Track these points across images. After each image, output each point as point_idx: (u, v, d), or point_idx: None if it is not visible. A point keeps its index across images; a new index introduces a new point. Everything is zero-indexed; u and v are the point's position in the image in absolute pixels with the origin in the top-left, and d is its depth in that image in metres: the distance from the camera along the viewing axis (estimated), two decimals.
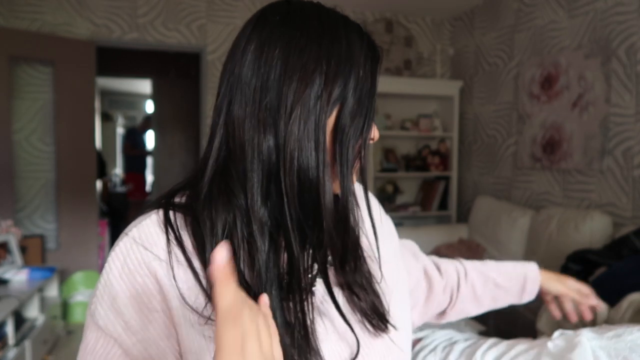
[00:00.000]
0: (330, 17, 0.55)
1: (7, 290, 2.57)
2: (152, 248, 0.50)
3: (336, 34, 0.53)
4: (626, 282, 1.77)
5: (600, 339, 0.73)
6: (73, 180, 3.42)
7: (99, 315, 0.49)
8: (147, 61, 5.29)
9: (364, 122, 0.54)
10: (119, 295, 0.49)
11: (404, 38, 4.09)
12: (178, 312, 0.49)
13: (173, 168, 5.81)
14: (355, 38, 0.55)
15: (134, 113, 7.99)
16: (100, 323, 0.49)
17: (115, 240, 0.53)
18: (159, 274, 0.49)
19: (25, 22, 3.28)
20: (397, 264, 0.72)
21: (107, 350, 0.49)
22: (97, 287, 0.50)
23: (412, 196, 4.16)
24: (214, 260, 0.38)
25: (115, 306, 0.49)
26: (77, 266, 3.40)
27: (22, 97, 3.34)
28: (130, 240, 0.50)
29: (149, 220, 0.51)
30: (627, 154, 2.61)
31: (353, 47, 0.54)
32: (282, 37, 0.51)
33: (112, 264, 0.50)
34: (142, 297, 0.49)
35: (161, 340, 0.49)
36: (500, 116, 3.58)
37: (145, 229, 0.51)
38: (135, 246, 0.50)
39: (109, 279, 0.49)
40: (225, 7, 3.68)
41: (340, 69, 0.52)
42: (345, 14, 0.59)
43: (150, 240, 0.50)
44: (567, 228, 2.65)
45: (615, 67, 2.65)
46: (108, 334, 0.49)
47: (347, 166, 0.52)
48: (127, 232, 0.51)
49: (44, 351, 2.66)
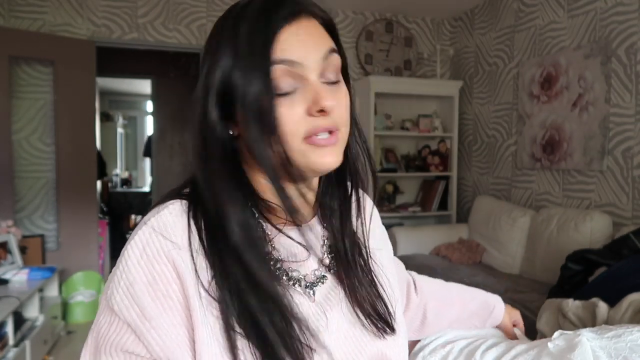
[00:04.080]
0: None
1: (7, 290, 2.58)
2: (171, 236, 0.51)
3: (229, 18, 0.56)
4: (626, 282, 1.77)
5: (601, 339, 0.73)
6: (73, 180, 3.42)
7: (114, 300, 0.49)
8: (147, 61, 5.29)
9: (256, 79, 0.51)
10: (136, 281, 0.49)
11: (404, 38, 4.08)
12: (194, 300, 0.50)
13: (173, 168, 5.81)
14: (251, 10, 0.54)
15: (134, 113, 7.99)
16: (116, 308, 0.49)
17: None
18: (177, 261, 0.50)
19: (25, 22, 3.28)
20: (392, 271, 0.74)
21: (121, 334, 0.49)
22: (115, 272, 0.51)
23: (412, 196, 4.16)
24: None
25: (132, 292, 0.49)
26: (77, 266, 3.39)
27: (22, 97, 3.34)
28: (150, 229, 0.51)
29: (167, 210, 0.53)
30: (627, 154, 2.61)
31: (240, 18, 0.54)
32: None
33: (130, 252, 0.51)
34: (159, 284, 0.50)
35: (175, 328, 0.49)
36: (500, 116, 3.58)
37: (164, 218, 0.52)
38: (154, 235, 0.51)
39: (127, 265, 0.50)
40: (225, 7, 3.65)
41: (215, 43, 0.55)
42: (346, 14, 0.60)
43: (169, 229, 0.52)
44: (567, 228, 2.65)
45: (615, 67, 2.65)
46: (122, 318, 0.49)
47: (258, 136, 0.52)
48: (146, 221, 0.53)
49: (44, 351, 2.66)
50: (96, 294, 3.42)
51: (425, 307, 0.91)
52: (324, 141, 0.53)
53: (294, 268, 0.57)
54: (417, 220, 3.98)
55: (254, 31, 0.52)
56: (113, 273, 0.52)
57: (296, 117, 0.52)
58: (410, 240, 3.39)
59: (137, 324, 0.48)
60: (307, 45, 0.53)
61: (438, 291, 0.93)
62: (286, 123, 0.52)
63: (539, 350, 0.75)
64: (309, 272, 0.59)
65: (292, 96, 0.52)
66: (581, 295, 1.82)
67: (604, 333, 0.74)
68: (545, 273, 2.71)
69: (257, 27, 0.52)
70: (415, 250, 3.41)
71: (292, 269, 0.57)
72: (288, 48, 0.52)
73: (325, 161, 0.54)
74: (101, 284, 3.45)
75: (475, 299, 0.96)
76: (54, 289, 3.11)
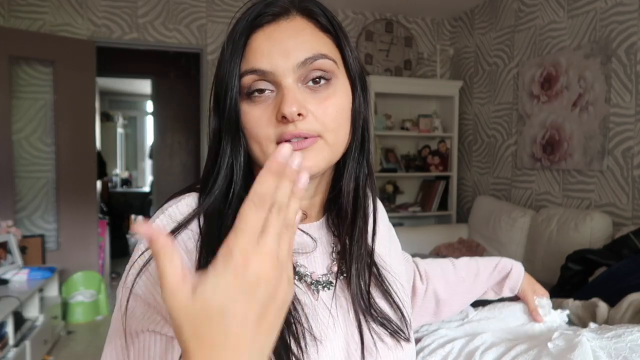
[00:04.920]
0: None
1: (7, 290, 2.58)
2: (188, 224, 0.53)
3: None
4: (626, 282, 1.77)
5: (601, 339, 0.73)
6: (73, 180, 3.42)
7: (137, 285, 0.49)
8: (147, 61, 5.29)
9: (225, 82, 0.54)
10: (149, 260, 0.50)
11: (404, 38, 4.08)
12: None
13: (173, 168, 5.82)
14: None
15: (134, 113, 7.99)
16: (140, 292, 0.49)
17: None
18: (191, 248, 0.51)
19: (25, 22, 3.28)
20: (403, 273, 0.73)
21: (147, 315, 0.48)
22: (134, 259, 0.51)
23: (412, 196, 4.16)
24: (278, 152, 0.34)
25: (155, 275, 0.49)
26: (77, 266, 3.39)
27: (22, 97, 3.34)
28: (167, 217, 0.54)
29: (183, 202, 0.56)
30: (627, 154, 2.61)
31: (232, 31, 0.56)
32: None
33: None
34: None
35: None
36: (500, 116, 3.58)
37: (181, 208, 0.55)
38: (171, 223, 0.53)
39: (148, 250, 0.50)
40: (225, 7, 3.68)
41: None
42: (346, 14, 0.59)
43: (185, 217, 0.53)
44: (567, 228, 2.65)
45: (615, 67, 2.65)
46: (146, 301, 0.49)
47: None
48: (164, 210, 0.55)
49: (44, 351, 2.66)
50: (96, 294, 3.42)
51: (436, 291, 0.90)
52: (295, 146, 0.52)
53: (301, 263, 0.58)
54: (417, 220, 3.98)
55: (233, 38, 0.54)
56: (132, 260, 0.52)
57: (264, 121, 0.53)
58: (410, 240, 3.39)
59: (162, 306, 0.48)
60: (280, 53, 0.52)
61: (444, 271, 0.92)
62: (257, 127, 0.53)
63: (539, 350, 0.75)
64: (317, 272, 0.59)
65: (261, 101, 0.53)
66: (581, 295, 1.82)
67: (603, 333, 0.74)
68: (546, 273, 2.71)
69: (236, 34, 0.54)
70: (415, 250, 3.41)
71: (299, 264, 0.58)
72: (258, 58, 0.52)
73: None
74: (101, 284, 3.45)
75: (486, 267, 0.94)
76: (54, 289, 3.11)
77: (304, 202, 0.60)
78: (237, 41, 0.53)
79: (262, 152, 0.54)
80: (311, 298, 0.56)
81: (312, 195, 0.60)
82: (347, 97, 0.57)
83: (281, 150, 0.34)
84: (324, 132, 0.53)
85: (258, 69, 0.52)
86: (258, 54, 0.52)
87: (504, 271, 0.93)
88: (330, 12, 0.57)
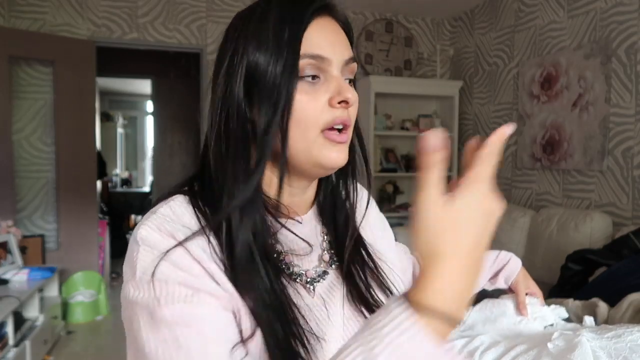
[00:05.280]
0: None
1: (7, 290, 2.58)
2: (182, 221, 0.52)
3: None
4: (626, 282, 1.77)
5: (600, 339, 0.73)
6: (73, 180, 3.42)
7: (158, 271, 0.47)
8: (147, 61, 5.29)
9: (282, 71, 0.51)
10: (168, 249, 0.48)
11: (404, 38, 4.08)
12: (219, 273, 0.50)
13: (173, 168, 5.81)
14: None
15: (134, 113, 7.99)
16: (162, 277, 0.47)
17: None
18: (189, 246, 0.49)
19: (25, 22, 3.28)
20: (396, 262, 0.74)
21: (177, 292, 0.46)
22: (137, 257, 0.49)
23: (412, 196, 4.16)
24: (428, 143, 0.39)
25: (171, 259, 0.48)
26: (77, 266, 3.39)
27: (22, 97, 3.34)
28: (160, 216, 0.52)
29: (173, 202, 0.54)
30: (627, 154, 2.61)
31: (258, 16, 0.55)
32: None
33: (148, 229, 0.50)
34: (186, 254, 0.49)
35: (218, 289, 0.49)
36: (500, 116, 3.58)
37: (173, 208, 0.53)
38: (165, 221, 0.51)
39: (154, 240, 0.49)
40: (225, 7, 3.68)
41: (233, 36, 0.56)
42: (346, 14, 0.60)
43: (178, 215, 0.52)
44: (567, 228, 2.65)
45: (615, 67, 2.65)
46: (172, 281, 0.47)
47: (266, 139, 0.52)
48: (154, 211, 0.53)
49: (44, 351, 2.66)
50: (96, 293, 3.42)
51: None
52: (339, 138, 0.55)
53: (295, 263, 0.58)
54: None
55: (284, 21, 0.52)
56: (131, 261, 0.50)
57: (319, 105, 0.53)
58: (410, 241, 3.39)
59: (190, 280, 0.47)
60: (335, 44, 0.54)
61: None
62: (307, 110, 0.52)
63: (539, 350, 0.75)
64: (310, 268, 0.59)
65: (315, 86, 0.53)
66: (581, 295, 1.82)
67: (603, 333, 0.74)
68: (546, 273, 2.71)
69: (287, 17, 0.52)
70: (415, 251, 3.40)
71: (294, 264, 0.58)
72: (318, 43, 0.53)
73: (335, 157, 0.55)
74: (101, 284, 3.45)
75: (487, 259, 0.95)
76: (54, 289, 3.11)
77: (296, 198, 0.60)
78: (297, 21, 0.52)
79: (304, 139, 0.53)
80: (308, 297, 0.57)
81: (305, 190, 0.61)
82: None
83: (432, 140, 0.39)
84: (351, 124, 0.57)
85: (319, 54, 0.53)
86: (322, 39, 0.53)
87: (502, 262, 0.96)
88: (347, 18, 0.60)
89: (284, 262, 0.57)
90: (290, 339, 0.49)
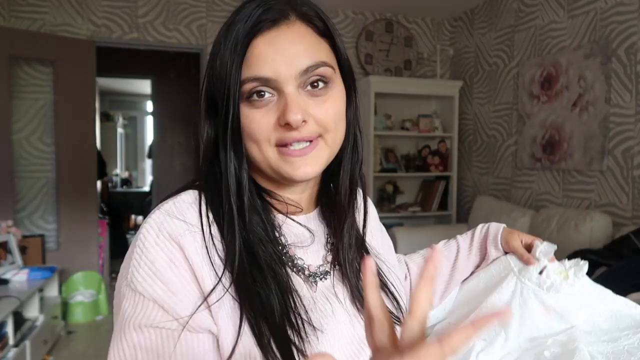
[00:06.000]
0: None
1: (7, 290, 2.58)
2: (185, 218, 0.53)
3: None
4: (626, 282, 1.77)
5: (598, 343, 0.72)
6: (73, 180, 3.42)
7: (136, 280, 0.50)
8: (147, 61, 5.28)
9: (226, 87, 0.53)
10: (156, 259, 0.50)
11: (404, 38, 4.08)
12: (208, 278, 0.51)
13: (173, 168, 5.81)
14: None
15: (134, 113, 7.99)
16: (139, 287, 0.49)
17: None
18: (187, 245, 0.51)
19: (25, 22, 3.28)
20: (395, 264, 0.75)
21: (148, 312, 0.49)
22: (132, 257, 0.51)
23: (412, 196, 4.16)
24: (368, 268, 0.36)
25: (154, 269, 0.50)
26: (77, 266, 3.39)
27: (22, 97, 3.34)
28: (164, 213, 0.53)
29: (180, 198, 0.55)
30: (627, 154, 2.61)
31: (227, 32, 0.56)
32: None
33: (146, 233, 0.52)
34: (180, 260, 0.51)
35: (199, 301, 0.50)
36: (500, 116, 3.58)
37: (178, 204, 0.54)
38: (168, 218, 0.52)
39: (145, 246, 0.51)
40: (225, 7, 3.68)
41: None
42: (346, 14, 0.60)
43: (183, 212, 0.53)
44: (567, 228, 2.65)
45: (615, 67, 2.65)
46: (147, 296, 0.49)
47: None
48: (160, 207, 0.54)
49: (44, 351, 2.66)
50: (96, 293, 3.42)
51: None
52: (298, 152, 0.54)
53: (299, 256, 0.59)
54: (417, 221, 3.98)
55: (233, 44, 0.53)
56: (129, 258, 0.52)
57: (267, 125, 0.53)
58: (410, 241, 3.39)
59: (163, 298, 0.49)
60: (282, 59, 0.52)
61: (421, 259, 0.94)
62: (255, 128, 0.54)
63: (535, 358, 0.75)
64: (313, 264, 0.60)
65: (269, 105, 0.53)
66: None
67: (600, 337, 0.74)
68: None
69: (235, 39, 0.53)
70: (415, 251, 3.40)
71: (297, 257, 0.58)
72: (261, 65, 0.52)
73: (297, 173, 0.55)
74: (101, 284, 3.45)
75: (464, 240, 0.87)
76: (54, 289, 3.11)
77: (294, 195, 0.62)
78: (238, 47, 0.52)
79: (261, 153, 0.55)
80: (310, 290, 0.57)
81: (302, 190, 0.62)
82: (342, 98, 0.58)
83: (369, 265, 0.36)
84: (324, 133, 0.55)
85: (261, 76, 0.52)
86: (261, 61, 0.52)
87: (482, 232, 0.86)
88: (325, 14, 0.57)
89: (288, 255, 0.58)
90: (287, 327, 0.50)
